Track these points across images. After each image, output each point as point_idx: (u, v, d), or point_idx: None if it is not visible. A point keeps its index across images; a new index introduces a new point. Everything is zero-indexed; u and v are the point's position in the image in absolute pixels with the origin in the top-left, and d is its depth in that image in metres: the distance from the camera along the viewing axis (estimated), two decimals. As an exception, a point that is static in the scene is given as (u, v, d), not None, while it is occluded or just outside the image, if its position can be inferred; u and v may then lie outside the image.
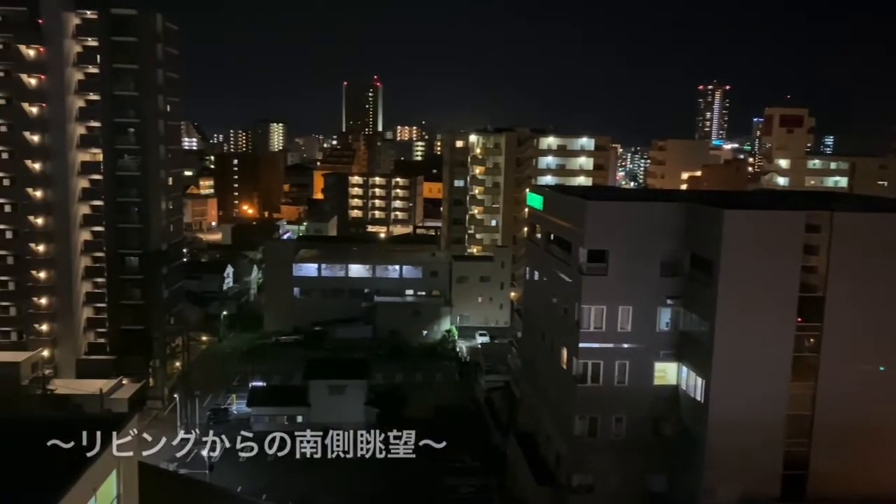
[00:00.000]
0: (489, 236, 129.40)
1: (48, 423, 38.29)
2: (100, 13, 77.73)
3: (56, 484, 25.30)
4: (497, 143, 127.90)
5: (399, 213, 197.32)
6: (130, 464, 31.25)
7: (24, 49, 76.57)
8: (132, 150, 79.87)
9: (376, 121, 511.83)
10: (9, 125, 78.36)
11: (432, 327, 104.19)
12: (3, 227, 79.90)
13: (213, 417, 73.63)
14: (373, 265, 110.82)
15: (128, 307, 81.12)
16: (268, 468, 64.76)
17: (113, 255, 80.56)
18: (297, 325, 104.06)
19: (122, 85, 78.63)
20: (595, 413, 48.49)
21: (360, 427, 71.33)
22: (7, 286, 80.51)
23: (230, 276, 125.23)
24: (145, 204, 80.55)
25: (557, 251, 54.31)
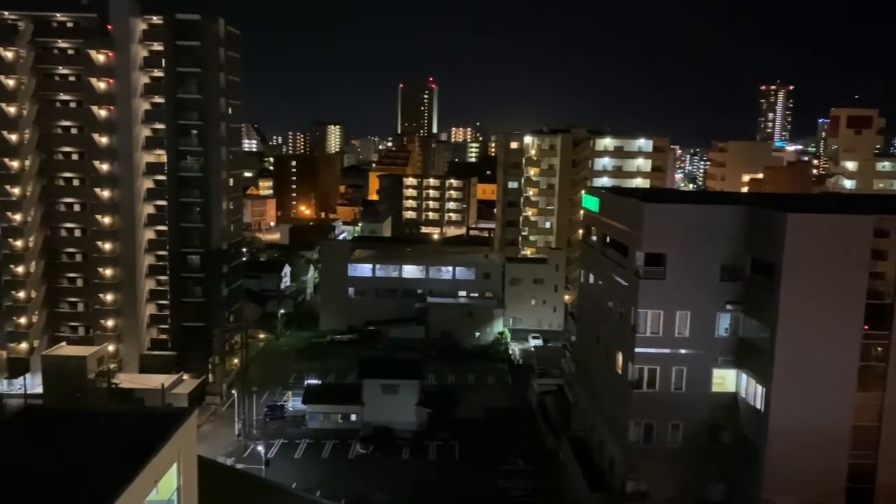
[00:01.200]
0: (543, 238, 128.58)
1: (113, 415, 39.63)
2: (165, 18, 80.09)
3: (120, 475, 26.15)
4: (552, 145, 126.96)
5: (452, 214, 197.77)
6: (190, 457, 32.09)
7: (94, 54, 79.43)
8: (195, 151, 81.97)
9: (431, 122, 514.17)
10: (79, 127, 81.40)
11: (485, 329, 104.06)
12: (73, 226, 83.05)
13: (270, 414, 75.03)
14: (426, 266, 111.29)
15: (189, 304, 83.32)
16: (322, 465, 65.95)
17: (175, 254, 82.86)
18: (351, 325, 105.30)
19: (185, 88, 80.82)
20: (650, 419, 47.73)
21: (412, 427, 72.66)
22: (76, 282, 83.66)
23: (287, 275, 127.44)
24: (207, 204, 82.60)
25: (613, 254, 53.63)
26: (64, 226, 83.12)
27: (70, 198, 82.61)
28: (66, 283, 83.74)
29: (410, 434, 71.70)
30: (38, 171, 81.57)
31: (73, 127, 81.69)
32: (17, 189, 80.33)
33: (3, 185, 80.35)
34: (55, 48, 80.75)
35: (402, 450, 69.26)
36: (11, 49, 78.87)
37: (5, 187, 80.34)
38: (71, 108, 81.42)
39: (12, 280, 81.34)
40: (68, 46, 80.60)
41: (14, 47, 78.84)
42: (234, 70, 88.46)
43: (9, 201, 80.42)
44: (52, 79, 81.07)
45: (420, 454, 68.63)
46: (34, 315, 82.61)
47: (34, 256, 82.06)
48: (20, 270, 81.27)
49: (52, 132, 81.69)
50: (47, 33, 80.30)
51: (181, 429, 30.85)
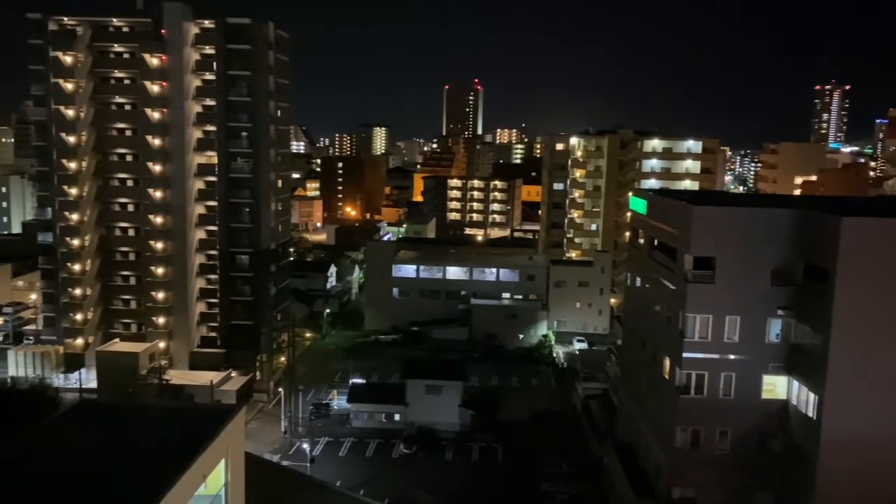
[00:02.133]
0: (589, 241, 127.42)
1: (164, 411, 40.56)
2: (217, 22, 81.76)
3: (170, 469, 26.75)
4: (599, 146, 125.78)
5: (497, 215, 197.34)
6: (238, 453, 32.66)
7: (148, 58, 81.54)
8: (244, 153, 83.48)
9: (476, 124, 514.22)
10: (133, 129, 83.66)
11: (528, 331, 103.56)
12: (127, 226, 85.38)
13: (315, 412, 75.92)
14: (470, 267, 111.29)
15: (238, 303, 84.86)
16: (366, 464, 66.45)
17: (225, 253, 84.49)
18: (395, 325, 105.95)
19: (236, 91, 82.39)
20: (698, 425, 46.88)
21: (455, 428, 72.65)
22: (129, 281, 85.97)
23: (333, 275, 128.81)
24: (256, 205, 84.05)
25: (661, 257, 52.85)
26: (118, 225, 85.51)
27: (124, 198, 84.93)
28: (119, 281, 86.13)
29: (453, 435, 71.79)
30: (95, 171, 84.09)
31: (127, 129, 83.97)
32: (75, 189, 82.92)
33: (62, 186, 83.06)
34: (111, 52, 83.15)
35: (446, 451, 69.38)
36: (70, 54, 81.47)
37: (63, 187, 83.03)
38: (126, 111, 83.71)
39: (69, 277, 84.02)
40: (124, 50, 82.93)
41: (73, 52, 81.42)
42: (283, 73, 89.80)
43: (67, 201, 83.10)
44: (108, 82, 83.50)
45: (463, 455, 68.67)
46: (89, 312, 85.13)
47: (90, 255, 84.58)
48: (76, 268, 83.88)
49: (108, 134, 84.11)
50: (104, 38, 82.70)
51: (229, 425, 31.42)
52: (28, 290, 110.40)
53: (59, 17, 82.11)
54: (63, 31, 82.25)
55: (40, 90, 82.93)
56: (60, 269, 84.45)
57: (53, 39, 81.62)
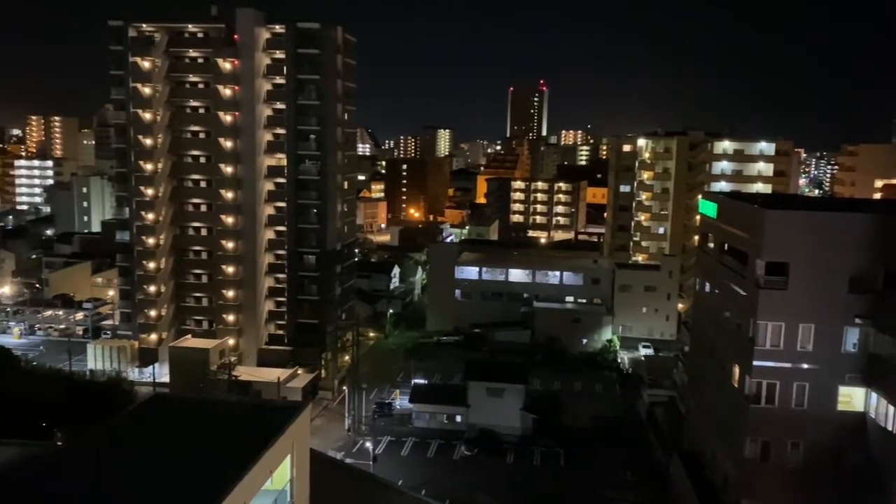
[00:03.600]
0: (656, 244, 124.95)
1: (233, 406, 41.66)
2: (287, 27, 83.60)
3: (238, 463, 27.45)
4: (667, 147, 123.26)
5: (561, 218, 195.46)
6: (303, 450, 33.27)
7: (221, 62, 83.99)
8: (313, 155, 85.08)
9: (540, 125, 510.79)
10: (207, 132, 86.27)
11: (592, 336, 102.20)
12: (200, 225, 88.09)
13: (378, 411, 76.70)
14: (533, 270, 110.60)
15: (304, 302, 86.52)
16: (427, 464, 66.77)
17: (293, 253, 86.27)
18: (457, 326, 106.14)
19: (305, 94, 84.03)
20: (768, 436, 45.45)
21: (517, 431, 72.27)
22: (201, 279, 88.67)
23: (397, 276, 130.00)
24: (323, 206, 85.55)
25: (732, 262, 51.44)
26: (192, 225, 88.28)
27: (197, 198, 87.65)
28: (192, 279, 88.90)
29: (515, 438, 71.46)
30: (170, 173, 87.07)
31: (201, 132, 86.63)
32: (151, 190, 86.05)
33: (139, 186, 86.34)
34: (186, 57, 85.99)
35: (507, 454, 69.12)
36: (148, 59, 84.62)
37: (140, 188, 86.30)
38: (200, 114, 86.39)
39: (144, 275, 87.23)
40: (198, 55, 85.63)
41: (150, 57, 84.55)
42: (351, 76, 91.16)
43: (143, 201, 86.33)
44: (183, 86, 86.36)
45: (524, 459, 68.28)
46: (163, 308, 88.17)
47: (164, 253, 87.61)
48: (151, 266, 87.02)
49: (183, 136, 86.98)
50: (180, 44, 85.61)
51: (296, 422, 32.05)
52: (106, 286, 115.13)
53: (138, 24, 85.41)
54: (142, 37, 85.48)
55: (120, 94, 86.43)
56: (136, 266, 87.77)
57: (133, 45, 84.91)
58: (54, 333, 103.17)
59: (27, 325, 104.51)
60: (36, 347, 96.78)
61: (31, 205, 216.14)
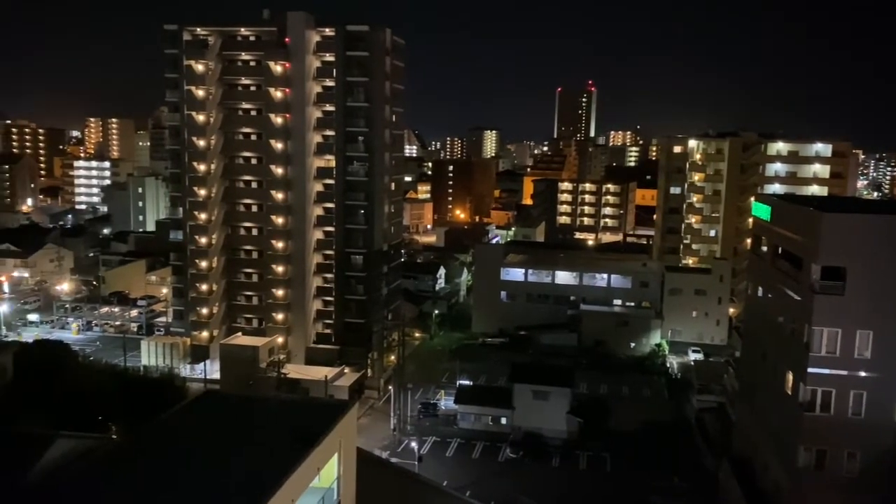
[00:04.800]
0: (707, 247, 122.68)
1: (281, 403, 42.36)
2: (337, 30, 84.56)
3: (287, 460, 27.87)
4: (719, 149, 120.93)
5: (609, 220, 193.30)
6: (350, 448, 33.62)
7: (272, 65, 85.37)
8: (361, 156, 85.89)
9: (588, 126, 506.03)
10: (258, 133, 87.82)
11: (641, 340, 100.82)
12: (251, 225, 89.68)
13: (423, 411, 77.00)
14: (580, 272, 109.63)
15: (351, 302, 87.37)
16: (472, 466, 66.77)
17: (341, 253, 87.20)
18: (502, 328, 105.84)
19: (353, 96, 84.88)
20: (823, 445, 44.23)
21: (562, 435, 71.74)
22: (251, 278, 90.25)
23: (442, 276, 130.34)
24: (370, 207, 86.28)
25: (786, 266, 50.19)
26: (243, 225, 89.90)
27: (249, 199, 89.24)
28: (243, 278, 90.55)
29: (560, 442, 70.95)
30: (222, 173, 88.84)
31: (252, 134, 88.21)
32: (204, 190, 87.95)
33: (192, 187, 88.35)
34: (239, 60, 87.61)
35: (552, 457, 68.68)
36: (202, 62, 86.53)
37: (193, 188, 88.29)
38: (251, 116, 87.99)
39: (197, 273, 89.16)
40: (250, 58, 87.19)
41: (204, 60, 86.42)
42: (399, 78, 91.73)
43: (196, 201, 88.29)
44: (235, 89, 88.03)
45: (570, 463, 67.74)
46: (215, 306, 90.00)
47: (216, 253, 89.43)
48: (204, 265, 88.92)
49: (235, 138, 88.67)
50: (233, 47, 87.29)
51: (343, 420, 32.40)
52: (160, 284, 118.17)
53: (192, 28, 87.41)
54: (196, 40, 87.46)
55: (174, 97, 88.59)
56: (189, 265, 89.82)
57: (187, 49, 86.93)
58: (110, 330, 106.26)
59: (85, 322, 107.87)
60: (93, 343, 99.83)
61: (89, 204, 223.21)
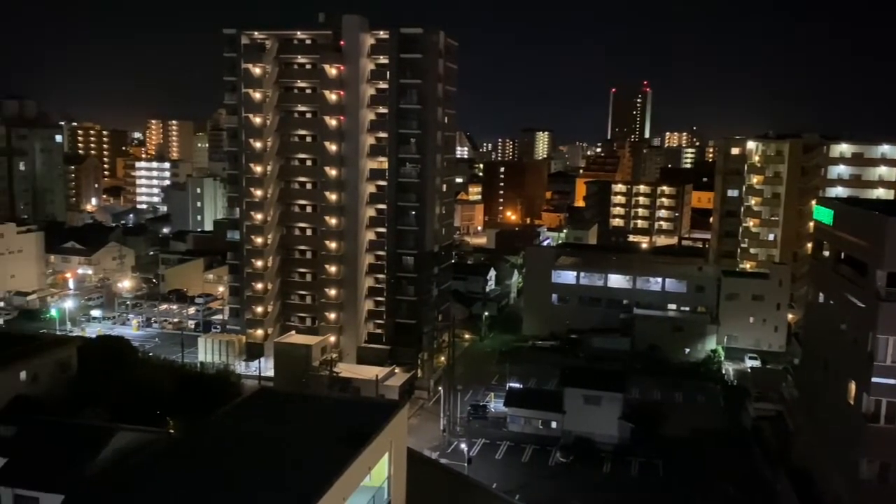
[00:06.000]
0: (765, 251, 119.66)
1: (334, 402, 42.91)
2: (391, 33, 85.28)
3: (339, 458, 28.22)
4: (779, 151, 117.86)
5: (663, 222, 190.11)
6: (401, 448, 33.86)
7: (327, 68, 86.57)
8: (413, 158, 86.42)
9: (643, 127, 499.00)
10: (313, 136, 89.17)
11: (695, 345, 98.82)
12: (305, 226, 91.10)
13: (473, 413, 76.93)
14: (633, 276, 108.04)
15: (402, 302, 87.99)
16: (522, 469, 66.46)
17: (392, 254, 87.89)
18: (553, 331, 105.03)
19: (406, 99, 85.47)
20: (888, 457, 42.71)
21: (614, 440, 70.83)
22: (305, 277, 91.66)
23: (493, 278, 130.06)
24: (422, 208, 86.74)
25: (849, 272, 48.59)
26: (297, 225, 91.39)
27: (303, 200, 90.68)
28: (297, 278, 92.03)
29: (612, 447, 70.03)
30: (278, 175, 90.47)
31: (307, 136, 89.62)
32: (260, 191, 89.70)
33: (249, 188, 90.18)
34: (295, 63, 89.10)
35: (603, 463, 67.86)
36: (259, 65, 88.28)
37: (250, 189, 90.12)
38: (306, 118, 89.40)
39: (252, 272, 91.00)
40: (306, 62, 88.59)
41: (262, 64, 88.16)
42: (451, 80, 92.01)
43: (253, 202, 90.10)
44: (291, 91, 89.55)
45: (621, 469, 66.81)
46: (269, 305, 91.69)
47: (271, 252, 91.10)
48: (259, 264, 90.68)
49: (290, 140, 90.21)
50: (289, 50, 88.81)
51: (394, 420, 32.69)
52: (217, 282, 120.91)
53: (250, 32, 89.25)
54: (253, 44, 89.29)
55: (232, 100, 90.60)
56: (245, 264, 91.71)
57: (245, 52, 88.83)
58: (168, 326, 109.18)
59: (144, 318, 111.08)
60: (151, 339, 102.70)
61: (149, 204, 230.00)
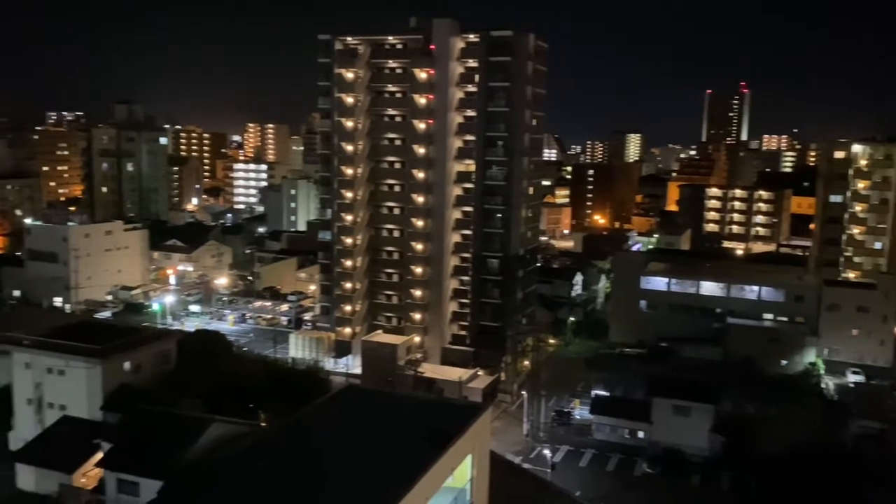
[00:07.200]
0: (871, 260, 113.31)
1: (418, 402, 43.40)
2: (481, 36, 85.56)
3: (423, 458, 28.53)
4: (888, 154, 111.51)
5: (760, 228, 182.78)
6: (483, 451, 33.93)
7: (417, 72, 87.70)
8: (499, 161, 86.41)
9: (740, 130, 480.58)
10: (402, 139, 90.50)
11: (793, 357, 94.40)
12: (392, 227, 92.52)
13: (557, 419, 76.16)
14: (727, 284, 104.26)
15: (487, 305, 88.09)
16: (607, 479, 65.32)
17: (478, 257, 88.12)
18: (641, 338, 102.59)
19: (495, 102, 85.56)
20: None
21: (704, 453, 68.70)
22: (392, 278, 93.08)
23: (579, 283, 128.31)
24: (508, 211, 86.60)
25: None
26: (385, 227, 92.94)
27: (391, 202, 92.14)
28: (384, 278, 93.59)
29: (701, 460, 67.89)
30: (368, 177, 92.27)
31: (397, 139, 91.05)
32: (351, 193, 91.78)
33: (340, 190, 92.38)
34: (386, 68, 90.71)
35: (692, 476, 65.84)
36: (352, 70, 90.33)
37: (342, 191, 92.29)
38: (396, 122, 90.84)
39: (342, 272, 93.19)
40: (397, 66, 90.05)
41: (354, 69, 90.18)
42: (541, 82, 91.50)
43: (344, 203, 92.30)
44: (382, 96, 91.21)
45: (712, 483, 64.67)
46: (358, 304, 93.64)
47: (361, 253, 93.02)
48: (349, 264, 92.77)
49: (380, 143, 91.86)
50: (381, 55, 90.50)
51: (477, 422, 32.80)
52: (308, 281, 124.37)
53: (343, 38, 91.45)
54: (347, 50, 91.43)
55: (326, 104, 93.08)
56: (335, 264, 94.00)
57: (338, 58, 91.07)
58: (262, 322, 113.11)
59: (240, 314, 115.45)
60: (246, 334, 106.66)
61: (246, 204, 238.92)
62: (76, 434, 52.17)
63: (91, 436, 50.18)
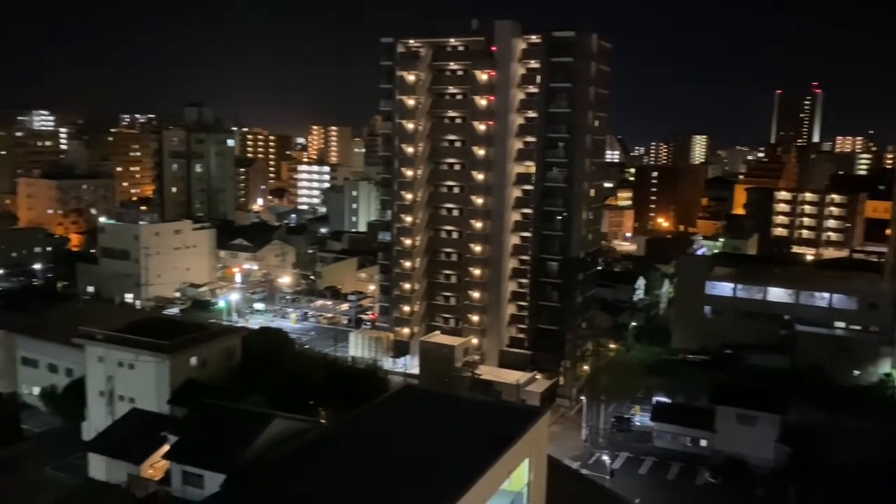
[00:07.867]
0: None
1: (476, 404, 43.32)
2: (543, 37, 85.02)
3: (481, 460, 28.45)
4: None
5: (832, 233, 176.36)
6: (541, 455, 33.63)
7: (478, 74, 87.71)
8: (560, 162, 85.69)
9: (811, 131, 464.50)
10: (462, 140, 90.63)
11: (866, 367, 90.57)
12: (451, 229, 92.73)
13: (617, 425, 74.98)
14: (796, 290, 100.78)
15: (545, 308, 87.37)
16: (668, 487, 63.99)
17: (536, 259, 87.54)
18: (705, 345, 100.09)
19: (556, 103, 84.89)
20: None
21: (769, 463, 66.57)
22: (450, 279, 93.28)
23: (641, 287, 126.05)
24: (568, 213, 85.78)
25: None
26: (444, 228, 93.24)
27: (450, 203, 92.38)
28: (442, 279, 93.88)
29: (766, 471, 65.82)
30: (427, 179, 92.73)
31: (457, 141, 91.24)
32: (410, 195, 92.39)
33: (400, 191, 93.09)
34: (447, 70, 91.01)
35: (756, 487, 63.88)
36: (413, 73, 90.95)
37: (401, 193, 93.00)
38: (456, 124, 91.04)
39: (401, 273, 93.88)
40: (458, 68, 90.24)
41: (415, 71, 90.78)
42: (603, 83, 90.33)
43: (403, 205, 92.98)
44: (443, 98, 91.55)
45: (777, 496, 62.61)
46: (416, 305, 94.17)
47: (419, 254, 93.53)
48: (407, 265, 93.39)
49: (440, 145, 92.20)
50: (442, 57, 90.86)
51: (535, 426, 32.54)
52: (368, 281, 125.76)
53: (405, 40, 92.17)
54: (408, 52, 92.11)
55: (388, 106, 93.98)
56: (395, 264, 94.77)
57: (400, 60, 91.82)
58: (323, 321, 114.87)
59: (302, 312, 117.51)
60: (308, 333, 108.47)
61: (309, 205, 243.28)
62: (145, 426, 53.96)
63: (159, 428, 51.81)
